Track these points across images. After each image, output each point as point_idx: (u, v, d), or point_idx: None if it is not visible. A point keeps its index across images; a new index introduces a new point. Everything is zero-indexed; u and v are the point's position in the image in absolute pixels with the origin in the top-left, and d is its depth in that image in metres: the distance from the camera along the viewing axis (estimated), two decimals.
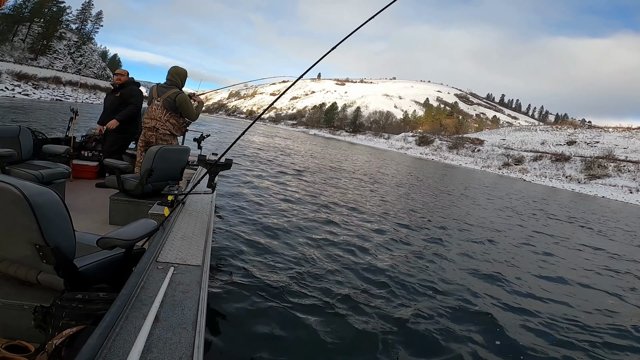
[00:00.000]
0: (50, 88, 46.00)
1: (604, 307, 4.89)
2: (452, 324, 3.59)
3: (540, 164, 58.17)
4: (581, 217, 16.12)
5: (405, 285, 4.34)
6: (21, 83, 41.41)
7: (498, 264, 5.96)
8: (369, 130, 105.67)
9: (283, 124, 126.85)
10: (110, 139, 4.43)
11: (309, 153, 26.00)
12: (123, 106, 4.37)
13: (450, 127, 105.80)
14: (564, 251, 8.04)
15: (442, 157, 66.38)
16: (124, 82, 4.44)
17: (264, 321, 3.03)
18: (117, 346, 0.94)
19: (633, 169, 49.27)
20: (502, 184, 32.19)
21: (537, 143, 70.04)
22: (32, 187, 1.37)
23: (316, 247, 5.21)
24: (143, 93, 4.67)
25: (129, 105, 4.38)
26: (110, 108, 4.41)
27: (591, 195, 39.95)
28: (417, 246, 6.21)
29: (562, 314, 4.35)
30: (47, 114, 21.33)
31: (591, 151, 59.70)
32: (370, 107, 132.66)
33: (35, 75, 45.17)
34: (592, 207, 23.73)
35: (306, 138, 58.51)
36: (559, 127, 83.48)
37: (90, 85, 53.24)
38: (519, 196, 21.52)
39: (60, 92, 45.74)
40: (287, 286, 3.73)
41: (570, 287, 5.50)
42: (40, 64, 52.33)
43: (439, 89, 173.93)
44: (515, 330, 3.71)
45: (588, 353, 3.55)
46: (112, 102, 4.44)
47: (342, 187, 11.87)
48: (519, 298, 4.62)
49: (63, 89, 47.49)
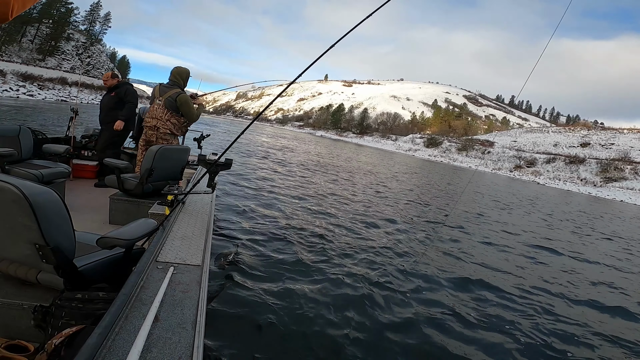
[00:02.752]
0: (55, 89, 46.06)
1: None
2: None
3: (554, 166, 56.65)
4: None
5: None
6: (26, 84, 41.55)
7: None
8: (376, 132, 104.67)
9: (290, 125, 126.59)
10: (105, 136, 4.60)
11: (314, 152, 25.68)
12: (119, 105, 4.59)
13: (459, 128, 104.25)
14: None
15: (451, 159, 65.11)
16: (118, 83, 4.68)
17: (264, 321, 3.01)
18: (117, 346, 0.94)
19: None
20: (525, 187, 30.86)
21: (550, 145, 68.41)
22: (32, 186, 1.36)
23: (317, 246, 5.15)
24: (137, 92, 4.89)
25: (125, 104, 4.61)
26: (106, 107, 4.63)
27: (609, 200, 38.35)
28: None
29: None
30: (51, 115, 21.37)
31: (606, 153, 57.99)
32: (378, 109, 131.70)
33: (41, 75, 45.29)
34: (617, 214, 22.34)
35: (312, 139, 57.94)
36: (572, 128, 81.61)
37: (97, 86, 53.14)
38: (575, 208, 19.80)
39: (66, 93, 45.69)
40: (287, 286, 3.72)
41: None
42: (48, 64, 52.51)
43: (447, 90, 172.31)
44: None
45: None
46: (107, 102, 4.65)
47: (340, 186, 11.63)
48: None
49: (69, 89, 47.49)
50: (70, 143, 4.62)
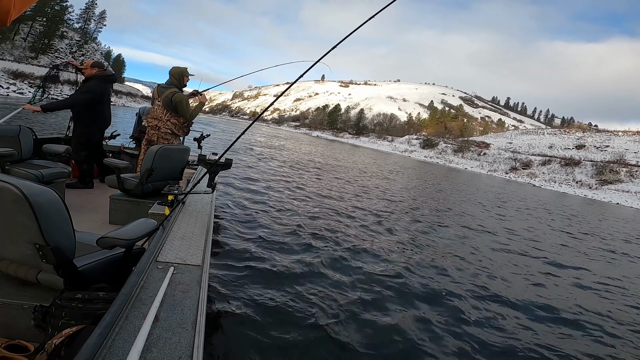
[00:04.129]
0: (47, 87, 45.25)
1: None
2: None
3: (549, 168, 56.90)
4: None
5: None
6: (17, 82, 40.71)
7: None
8: (372, 133, 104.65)
9: (286, 125, 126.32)
10: (74, 133, 4.31)
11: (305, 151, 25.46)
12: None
13: (455, 130, 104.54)
14: None
15: (447, 160, 65.21)
16: (96, 74, 4.23)
17: (265, 321, 3.00)
18: (117, 346, 0.93)
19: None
20: (527, 191, 30.85)
21: (545, 147, 68.78)
22: (32, 186, 1.36)
23: (317, 246, 5.12)
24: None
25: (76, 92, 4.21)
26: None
27: (605, 202, 38.54)
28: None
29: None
30: (43, 114, 20.94)
31: (601, 155, 58.37)
32: (374, 109, 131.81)
33: (32, 73, 44.48)
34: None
35: (309, 140, 57.78)
36: (567, 130, 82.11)
37: None
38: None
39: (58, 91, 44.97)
40: (287, 285, 3.70)
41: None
42: (40, 62, 51.76)
43: (443, 92, 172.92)
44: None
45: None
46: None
47: (339, 185, 11.61)
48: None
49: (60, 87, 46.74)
50: (70, 143, 4.56)
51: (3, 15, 0.72)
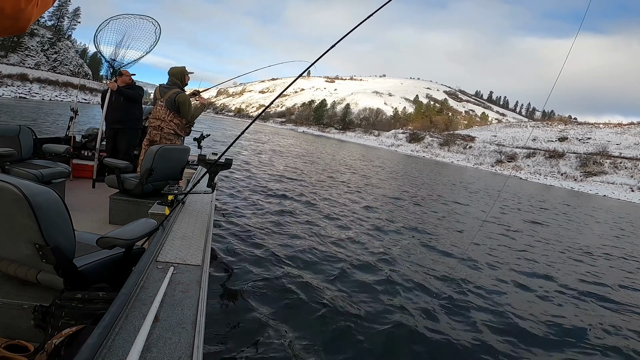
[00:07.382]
0: (14, 85, 43.18)
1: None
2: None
3: (534, 160, 57.79)
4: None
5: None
6: None
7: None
8: (358, 128, 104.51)
9: (272, 121, 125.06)
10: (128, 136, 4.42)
11: None
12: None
13: (440, 124, 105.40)
14: None
15: (434, 154, 65.62)
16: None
17: (265, 321, 2.98)
18: (117, 346, 0.93)
19: (630, 165, 48.78)
20: (523, 186, 30.86)
21: (529, 139, 69.67)
22: (32, 186, 1.35)
23: (318, 245, 5.12)
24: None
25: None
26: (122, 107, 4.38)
27: (592, 195, 39.15)
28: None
29: None
30: (8, 112, 20.66)
31: (584, 147, 59.55)
32: (360, 104, 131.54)
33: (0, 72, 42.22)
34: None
35: (295, 135, 57.21)
36: (549, 123, 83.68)
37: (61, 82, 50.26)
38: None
39: (26, 90, 42.91)
40: (287, 285, 3.69)
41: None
42: (10, 61, 49.31)
43: (428, 86, 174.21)
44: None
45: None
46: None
47: (336, 184, 11.77)
48: None
49: (29, 85, 44.63)
50: (70, 143, 4.60)
51: (24, 23, 0.73)
